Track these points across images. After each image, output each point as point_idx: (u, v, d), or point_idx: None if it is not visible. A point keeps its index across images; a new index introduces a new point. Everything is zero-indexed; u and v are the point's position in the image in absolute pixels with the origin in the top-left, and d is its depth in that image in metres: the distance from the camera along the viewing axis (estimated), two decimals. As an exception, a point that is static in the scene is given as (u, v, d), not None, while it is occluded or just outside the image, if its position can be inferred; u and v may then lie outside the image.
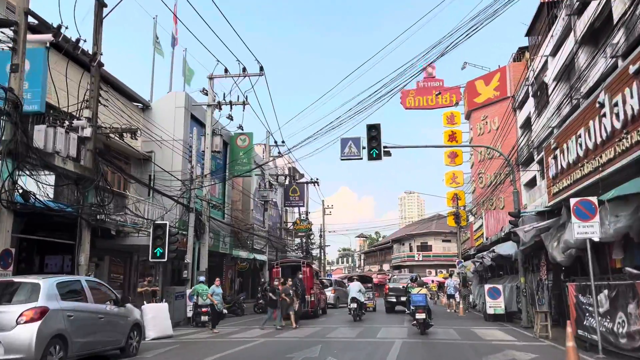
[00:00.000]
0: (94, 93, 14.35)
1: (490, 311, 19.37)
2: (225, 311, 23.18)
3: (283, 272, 21.71)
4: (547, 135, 25.32)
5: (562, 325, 12.87)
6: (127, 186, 22.15)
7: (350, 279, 29.05)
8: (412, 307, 15.00)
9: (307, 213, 46.40)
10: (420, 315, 14.48)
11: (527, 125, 33.68)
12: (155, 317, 13.95)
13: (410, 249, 67.46)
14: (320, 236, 53.13)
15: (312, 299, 21.15)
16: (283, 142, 32.68)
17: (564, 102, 22.38)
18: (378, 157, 17.63)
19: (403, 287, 23.12)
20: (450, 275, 33.95)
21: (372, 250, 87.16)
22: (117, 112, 17.76)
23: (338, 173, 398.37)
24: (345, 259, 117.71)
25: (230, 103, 22.85)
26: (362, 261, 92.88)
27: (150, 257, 17.61)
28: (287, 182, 43.52)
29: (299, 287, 19.02)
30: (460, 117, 44.27)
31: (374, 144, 17.56)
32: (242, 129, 28.64)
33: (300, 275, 20.81)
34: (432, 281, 42.87)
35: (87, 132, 13.83)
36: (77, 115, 14.39)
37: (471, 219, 41.35)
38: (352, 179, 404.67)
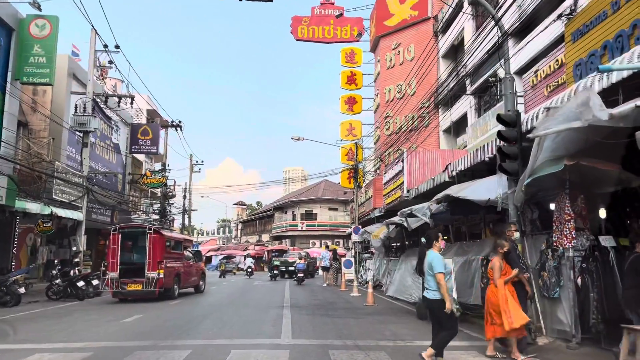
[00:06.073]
0: None
1: (432, 304, 11.12)
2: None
3: (123, 240, 16.79)
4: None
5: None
6: None
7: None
8: (296, 270, 26.62)
9: (164, 165, 35.78)
10: (300, 275, 25.61)
11: (452, 54, 26.15)
12: None
13: (294, 218, 59.35)
14: (184, 197, 42.72)
15: (161, 276, 15.97)
16: (117, 46, 21.83)
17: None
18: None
19: (288, 260, 31.76)
20: (326, 247, 31.77)
21: (250, 219, 77.93)
22: None
23: (223, 144, 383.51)
24: (223, 229, 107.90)
25: None
26: (239, 231, 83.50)
27: None
28: (135, 120, 32.61)
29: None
30: (361, 55, 36.28)
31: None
32: (40, 9, 17.65)
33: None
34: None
35: None
36: None
37: (369, 177, 33.70)
38: (238, 151, 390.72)
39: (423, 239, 6.78)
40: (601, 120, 5.36)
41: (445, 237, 17.24)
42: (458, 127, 24.15)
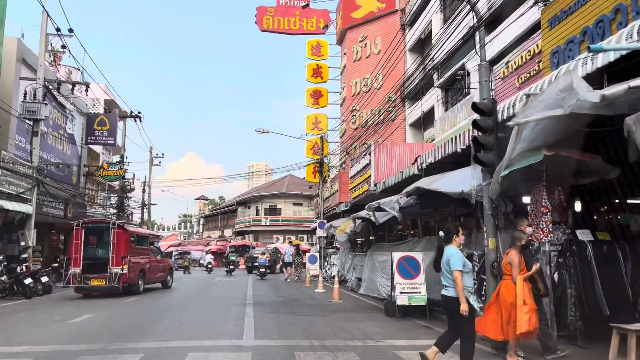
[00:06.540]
0: None
1: (402, 300, 10.74)
2: None
3: (87, 235, 16.77)
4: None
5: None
6: None
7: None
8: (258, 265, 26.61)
9: (122, 157, 34.43)
10: (262, 270, 25.81)
11: (419, 47, 25.93)
12: None
13: (257, 213, 58.46)
14: (144, 191, 41.32)
15: (125, 271, 15.93)
16: (71, 30, 20.67)
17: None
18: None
19: (253, 256, 32.52)
20: (290, 243, 31.23)
21: (213, 214, 76.56)
22: None
23: (186, 137, 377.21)
24: (184, 224, 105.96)
25: None
26: (201, 226, 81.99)
27: None
28: (91, 110, 31.20)
29: None
30: (327, 47, 35.76)
31: None
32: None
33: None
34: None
35: None
36: None
37: (335, 172, 33.31)
38: (201, 145, 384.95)
39: (441, 233, 6.17)
40: (589, 103, 4.98)
41: (412, 232, 16.96)
42: (425, 121, 23.95)
